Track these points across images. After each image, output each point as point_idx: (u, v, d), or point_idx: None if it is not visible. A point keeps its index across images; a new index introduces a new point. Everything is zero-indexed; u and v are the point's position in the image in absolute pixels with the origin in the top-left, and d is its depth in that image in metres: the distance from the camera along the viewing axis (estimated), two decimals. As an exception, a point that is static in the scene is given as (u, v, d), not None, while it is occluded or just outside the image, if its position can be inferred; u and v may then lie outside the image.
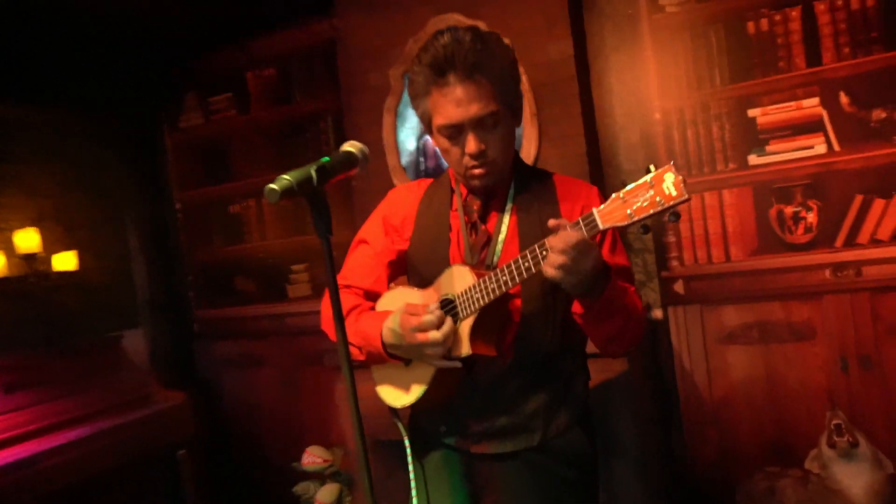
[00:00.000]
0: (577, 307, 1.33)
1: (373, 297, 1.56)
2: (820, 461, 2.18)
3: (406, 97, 2.95)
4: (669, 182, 1.09)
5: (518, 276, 1.27)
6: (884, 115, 2.56)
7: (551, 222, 1.20)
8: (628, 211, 1.13)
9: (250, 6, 3.28)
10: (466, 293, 1.35)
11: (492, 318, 1.37)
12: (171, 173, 3.94)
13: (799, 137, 2.64)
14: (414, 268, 1.55)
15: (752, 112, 2.70)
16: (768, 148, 2.67)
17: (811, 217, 2.63)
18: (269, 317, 3.67)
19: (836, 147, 2.59)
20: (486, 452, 1.45)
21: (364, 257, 1.59)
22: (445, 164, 2.84)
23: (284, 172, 1.10)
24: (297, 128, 3.60)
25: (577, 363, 1.48)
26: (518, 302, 1.40)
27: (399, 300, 1.48)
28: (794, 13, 2.63)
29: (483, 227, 1.47)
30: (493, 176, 1.42)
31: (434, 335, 1.31)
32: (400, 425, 1.53)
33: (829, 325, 2.58)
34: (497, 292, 1.30)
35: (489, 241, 1.46)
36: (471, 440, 1.45)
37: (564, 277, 1.19)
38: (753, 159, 2.70)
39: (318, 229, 1.15)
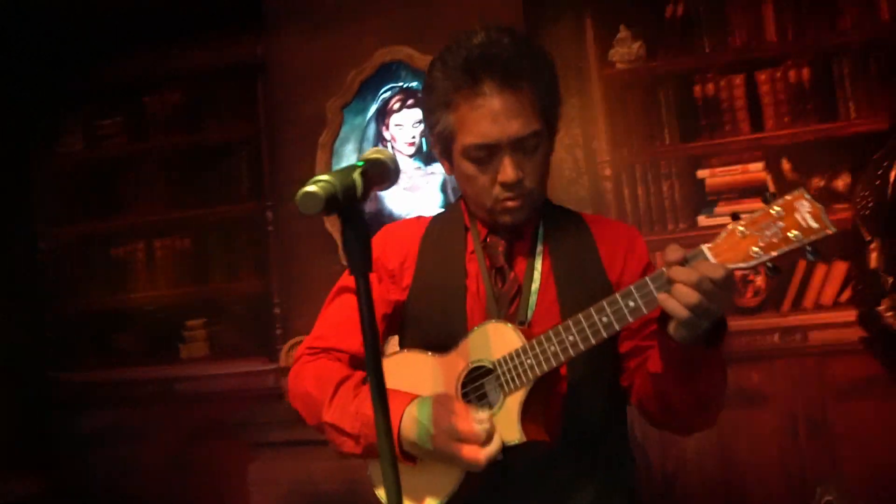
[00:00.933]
0: (666, 362, 1.02)
1: (361, 364, 1.23)
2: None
3: (344, 133, 2.66)
4: (805, 211, 0.89)
5: (596, 333, 1.00)
6: (822, 183, 2.63)
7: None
8: (754, 249, 0.91)
9: (154, 17, 2.86)
10: (512, 360, 1.06)
11: (544, 391, 1.08)
12: (37, 206, 3.29)
13: (745, 200, 2.64)
14: (415, 324, 1.23)
15: (701, 173, 2.69)
16: (716, 209, 2.66)
17: (759, 280, 2.61)
18: (155, 381, 3.09)
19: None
20: None
21: (348, 311, 1.24)
22: (389, 209, 2.65)
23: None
24: (205, 160, 3.15)
25: (626, 444, 1.23)
26: (563, 368, 1.12)
27: (409, 370, 1.16)
28: (738, 80, 2.68)
29: (512, 273, 1.20)
30: (527, 210, 1.16)
31: (480, 454, 1.00)
32: None
33: (779, 390, 2.54)
34: (563, 356, 1.03)
35: (519, 291, 1.18)
36: None
37: (695, 322, 0.92)
38: (703, 220, 2.67)
39: (352, 261, 0.81)
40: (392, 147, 2.65)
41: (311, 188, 0.76)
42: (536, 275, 1.19)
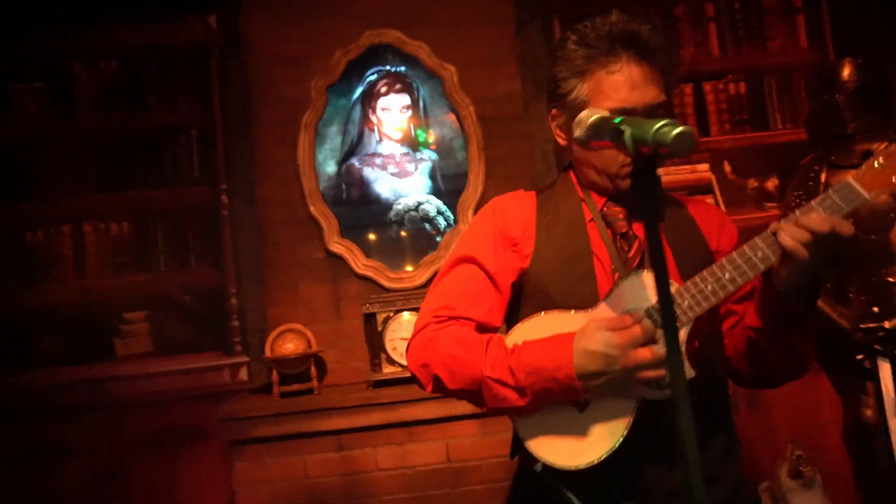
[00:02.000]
0: (766, 315, 1.13)
1: (488, 331, 1.22)
2: (776, 493, 2.30)
3: (328, 115, 2.57)
4: None
5: (753, 267, 1.08)
6: (756, 184, 2.98)
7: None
8: (894, 178, 1.03)
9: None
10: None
11: (701, 331, 1.15)
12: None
13: (695, 197, 2.92)
14: (539, 290, 1.23)
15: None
16: (670, 204, 2.91)
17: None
18: (86, 383, 2.73)
19: (723, 208, 2.93)
20: None
21: (471, 280, 1.24)
22: (377, 193, 2.59)
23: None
24: (147, 142, 2.86)
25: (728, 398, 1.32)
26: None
27: (556, 326, 1.15)
28: (688, 89, 2.97)
29: (637, 240, 1.26)
30: None
31: (657, 350, 1.04)
32: (572, 497, 1.16)
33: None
34: (722, 293, 1.09)
35: (642, 253, 1.24)
36: (658, 499, 1.17)
37: (817, 259, 1.02)
38: (660, 213, 2.90)
39: (644, 211, 0.84)
40: (378, 131, 2.60)
41: (685, 128, 0.78)
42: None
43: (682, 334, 1.10)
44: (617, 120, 0.93)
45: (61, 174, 2.86)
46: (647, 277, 1.15)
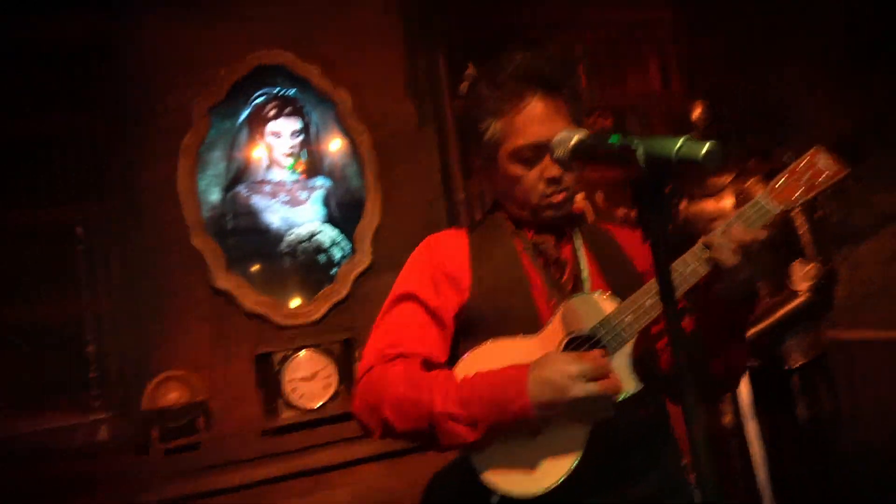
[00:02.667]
0: (706, 326, 1.21)
1: (434, 366, 1.21)
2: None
3: (211, 138, 2.36)
4: (824, 162, 1.15)
5: (683, 282, 1.15)
6: (624, 212, 3.22)
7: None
8: (796, 193, 1.15)
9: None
10: (611, 320, 1.16)
11: (642, 347, 1.19)
12: None
13: (617, 225, 3.10)
14: (481, 320, 1.26)
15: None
16: (553, 231, 3.05)
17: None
18: None
19: (598, 235, 3.14)
20: None
21: (414, 317, 1.26)
22: (267, 222, 2.41)
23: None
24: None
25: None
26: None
27: (505, 353, 1.17)
28: (562, 123, 3.15)
29: (568, 265, 1.31)
30: (568, 206, 1.31)
31: (617, 383, 1.08)
32: None
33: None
34: (659, 307, 1.14)
35: (574, 277, 1.30)
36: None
37: (748, 267, 1.11)
38: (543, 239, 3.03)
39: (650, 229, 0.85)
40: (268, 157, 2.43)
41: (712, 142, 0.80)
42: (584, 264, 1.31)
43: (627, 349, 1.16)
44: (614, 138, 0.94)
45: None
46: (591, 298, 1.20)
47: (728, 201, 2.34)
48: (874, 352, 2.60)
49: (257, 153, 2.42)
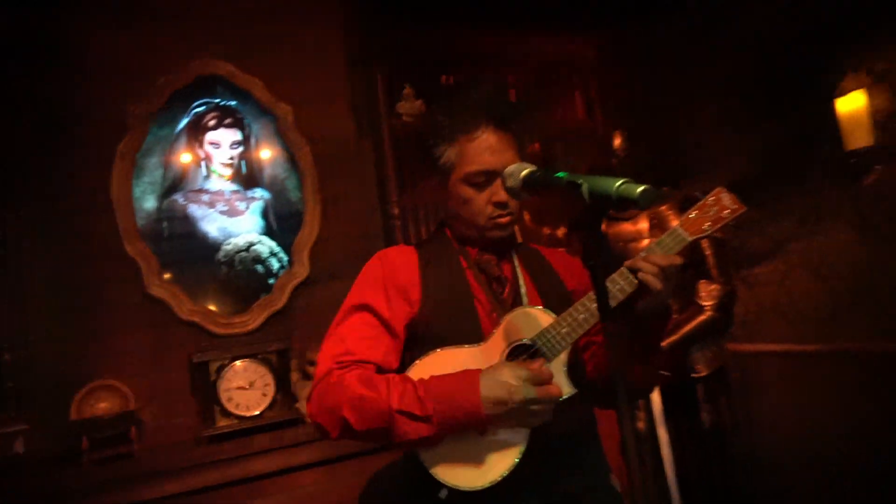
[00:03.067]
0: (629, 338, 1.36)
1: (386, 374, 1.31)
2: None
3: (148, 144, 2.34)
4: (727, 200, 1.34)
5: (612, 299, 1.29)
6: (549, 231, 3.41)
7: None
8: (705, 225, 1.33)
9: None
10: (549, 331, 1.30)
11: (574, 357, 1.34)
12: None
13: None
14: (428, 331, 1.37)
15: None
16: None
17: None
18: None
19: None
20: None
21: (368, 327, 1.37)
22: (204, 231, 2.41)
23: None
24: None
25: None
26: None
27: (453, 361, 1.29)
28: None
29: (508, 282, 1.45)
30: (511, 227, 1.44)
31: (557, 388, 1.23)
32: None
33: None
34: (592, 320, 1.30)
35: (515, 292, 1.43)
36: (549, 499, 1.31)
37: (667, 287, 1.26)
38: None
39: (592, 254, 0.98)
40: (206, 166, 2.43)
41: (646, 186, 0.92)
42: (522, 282, 1.46)
43: (563, 357, 1.30)
44: (561, 174, 1.07)
45: None
46: (530, 312, 1.34)
47: (643, 224, 2.55)
48: (768, 363, 2.88)
49: (195, 162, 2.42)
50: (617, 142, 2.66)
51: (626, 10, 3.16)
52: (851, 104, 2.38)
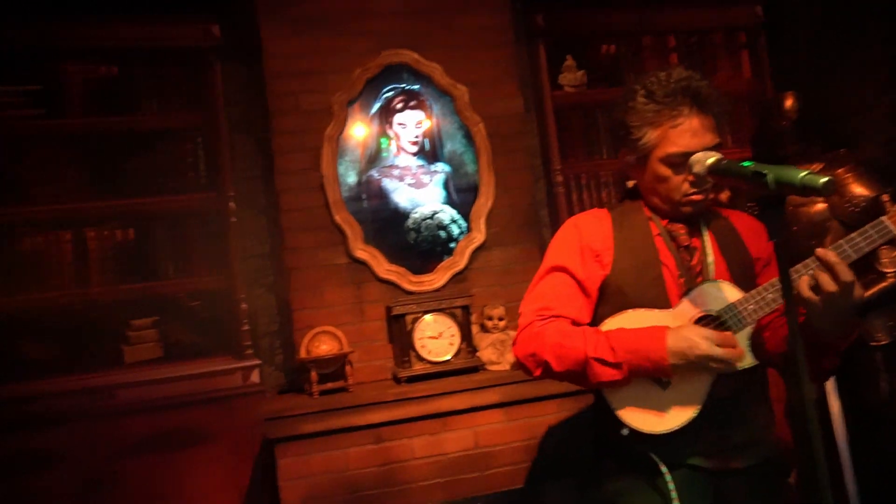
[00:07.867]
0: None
1: (578, 325, 1.50)
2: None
3: (348, 128, 2.71)
4: None
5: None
6: (712, 196, 3.41)
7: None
8: None
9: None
10: (736, 306, 1.43)
11: (757, 331, 1.47)
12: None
13: (733, 210, 3.24)
14: (618, 292, 1.53)
15: (630, 183, 3.27)
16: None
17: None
18: (89, 391, 2.68)
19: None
20: (731, 468, 1.48)
21: (564, 286, 1.54)
22: (395, 202, 2.75)
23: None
24: (138, 145, 2.84)
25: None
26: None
27: (644, 320, 1.45)
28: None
29: (697, 251, 1.56)
30: (705, 204, 1.55)
31: (739, 350, 1.37)
32: (655, 457, 1.44)
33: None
34: (775, 304, 1.41)
35: (702, 261, 1.55)
36: (714, 458, 1.46)
37: (823, 311, 1.30)
38: (633, 222, 3.25)
39: (776, 230, 1.12)
40: (395, 144, 2.77)
41: (829, 178, 1.06)
42: (709, 250, 1.57)
43: (747, 332, 1.42)
44: (747, 163, 1.21)
45: (47, 176, 2.77)
46: (720, 286, 1.46)
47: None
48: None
49: (387, 141, 2.76)
50: (788, 103, 2.61)
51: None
52: None
